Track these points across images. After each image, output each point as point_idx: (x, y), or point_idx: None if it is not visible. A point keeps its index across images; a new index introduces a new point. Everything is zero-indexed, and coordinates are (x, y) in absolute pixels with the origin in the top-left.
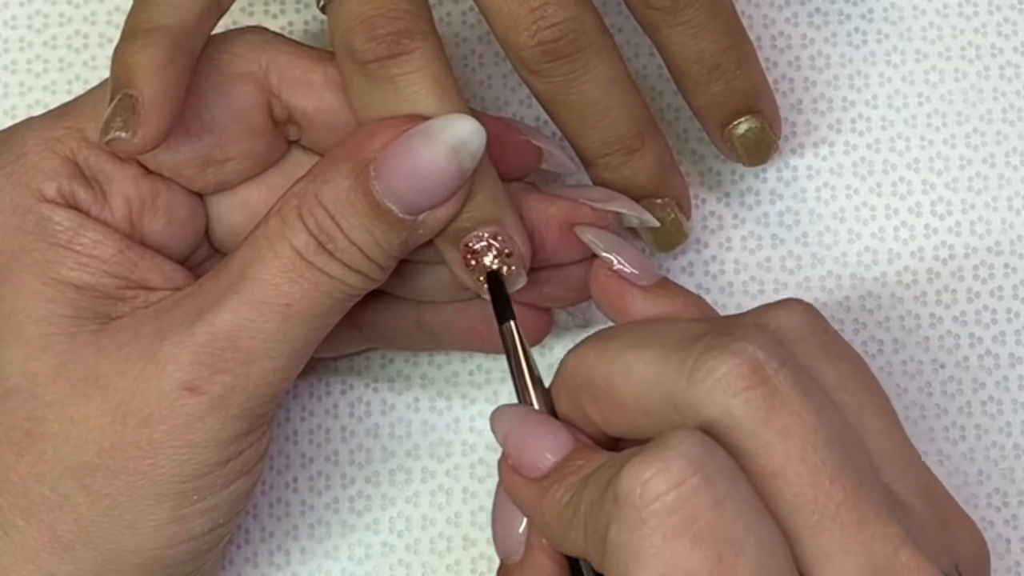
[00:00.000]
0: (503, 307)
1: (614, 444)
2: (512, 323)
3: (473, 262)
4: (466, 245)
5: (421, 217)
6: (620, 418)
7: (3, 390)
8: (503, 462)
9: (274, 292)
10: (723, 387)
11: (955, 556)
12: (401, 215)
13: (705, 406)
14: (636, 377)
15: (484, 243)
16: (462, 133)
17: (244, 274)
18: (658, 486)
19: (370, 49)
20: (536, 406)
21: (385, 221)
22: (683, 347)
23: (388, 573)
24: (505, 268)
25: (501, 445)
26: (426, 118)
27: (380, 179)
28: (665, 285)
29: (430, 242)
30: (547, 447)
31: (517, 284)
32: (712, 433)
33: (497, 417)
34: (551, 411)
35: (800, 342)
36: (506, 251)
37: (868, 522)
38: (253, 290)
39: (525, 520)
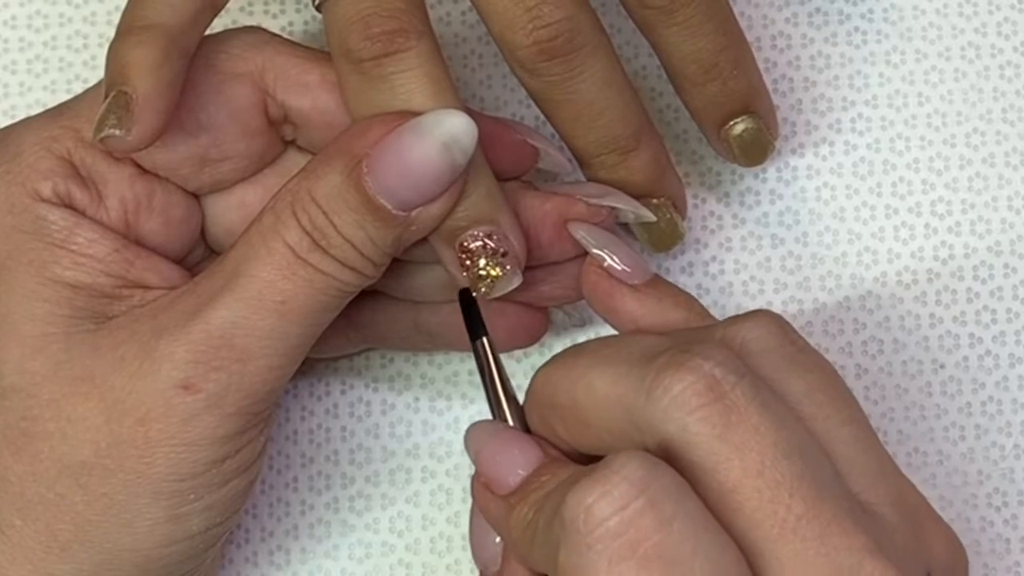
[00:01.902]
0: (475, 324)
1: (588, 459)
2: (484, 340)
3: (468, 262)
4: (461, 244)
5: (414, 213)
6: (587, 436)
7: (0, 389)
8: (475, 479)
9: (268, 289)
10: (679, 404)
11: (927, 564)
12: (394, 211)
13: (663, 424)
14: (599, 395)
15: (479, 243)
16: (454, 129)
17: (239, 271)
18: (601, 511)
19: (365, 48)
20: (510, 421)
21: (378, 217)
22: (642, 365)
23: (388, 573)
24: (500, 268)
25: (473, 462)
26: (419, 115)
27: (373, 175)
28: (656, 284)
29: (426, 242)
30: (516, 463)
31: (512, 284)
32: (671, 450)
33: (469, 434)
34: (524, 427)
35: (765, 354)
36: (501, 251)
37: (831, 534)
38: (248, 287)
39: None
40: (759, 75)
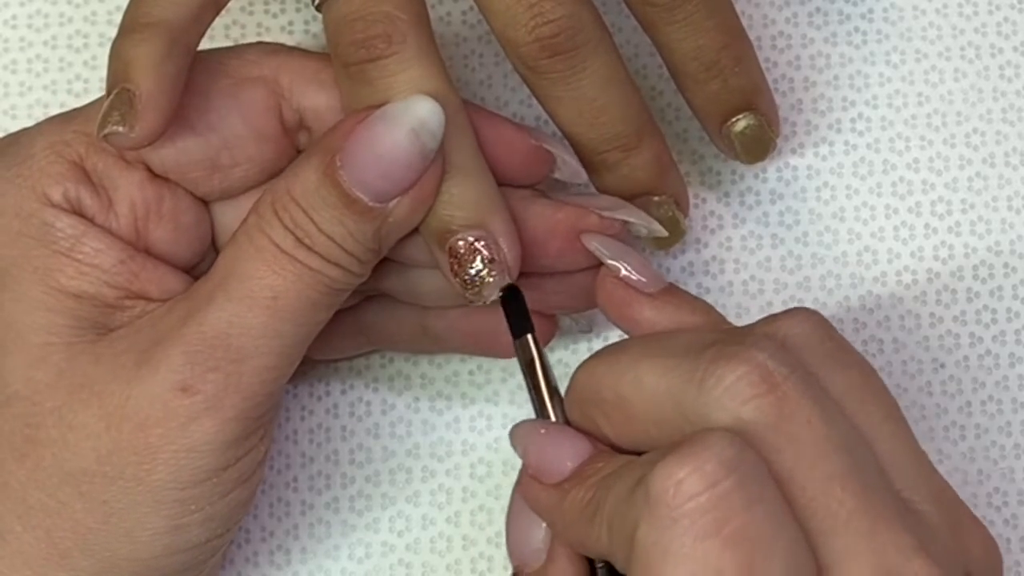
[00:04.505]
0: (520, 320)
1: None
2: (529, 336)
3: (456, 266)
4: (451, 248)
5: (391, 204)
6: (631, 430)
7: (4, 396)
8: (523, 472)
9: (258, 286)
10: (733, 395)
11: (967, 563)
12: (370, 203)
13: (715, 414)
14: (647, 388)
15: (469, 248)
16: (421, 113)
17: (229, 272)
18: (692, 486)
19: (351, 52)
20: (554, 418)
21: (355, 211)
22: (692, 356)
23: (388, 573)
24: (487, 274)
25: (521, 457)
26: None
27: (347, 169)
28: (672, 292)
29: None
30: (567, 454)
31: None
32: None
33: (516, 432)
34: (567, 422)
35: (808, 350)
36: (489, 257)
37: (880, 530)
38: (238, 286)
39: (544, 529)
40: (761, 72)
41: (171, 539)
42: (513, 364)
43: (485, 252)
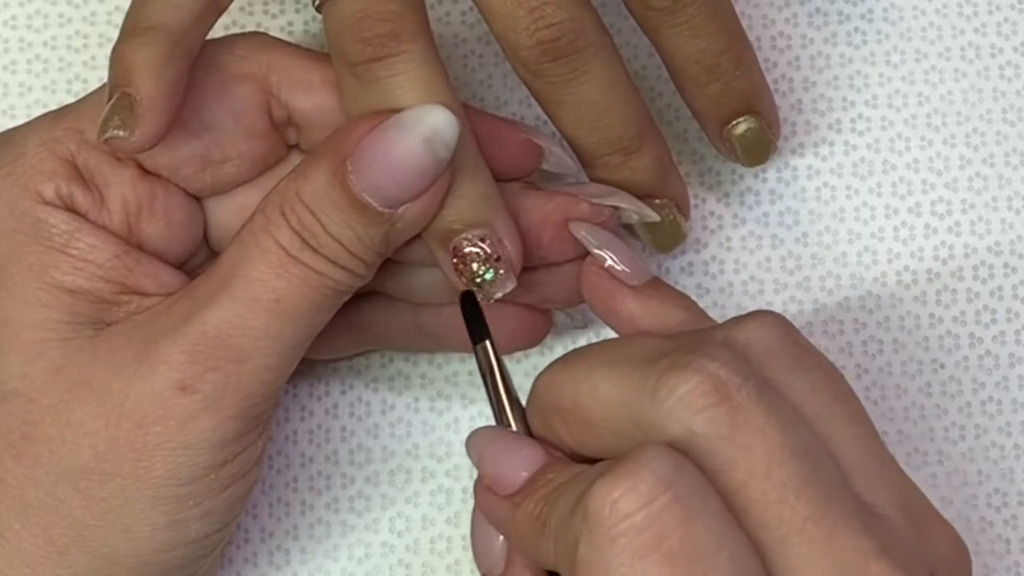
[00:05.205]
0: (477, 327)
1: (591, 463)
2: (488, 343)
3: (461, 265)
4: (455, 248)
5: (400, 210)
6: (589, 438)
7: (1, 394)
8: (478, 483)
9: (262, 288)
10: (685, 405)
11: (932, 565)
12: (380, 208)
13: (668, 425)
14: (602, 397)
15: (474, 247)
16: (435, 123)
17: (232, 272)
18: (628, 505)
19: (358, 51)
20: (513, 425)
21: (364, 215)
22: (647, 365)
23: (388, 573)
24: (493, 271)
25: (476, 466)
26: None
27: (357, 173)
28: (656, 285)
29: (424, 244)
30: (519, 464)
31: (506, 288)
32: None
33: (471, 440)
34: (527, 431)
35: (769, 355)
36: (495, 255)
37: (837, 535)
38: (242, 287)
39: (502, 537)
40: (761, 75)
41: (169, 535)
42: (513, 365)
43: (490, 250)
